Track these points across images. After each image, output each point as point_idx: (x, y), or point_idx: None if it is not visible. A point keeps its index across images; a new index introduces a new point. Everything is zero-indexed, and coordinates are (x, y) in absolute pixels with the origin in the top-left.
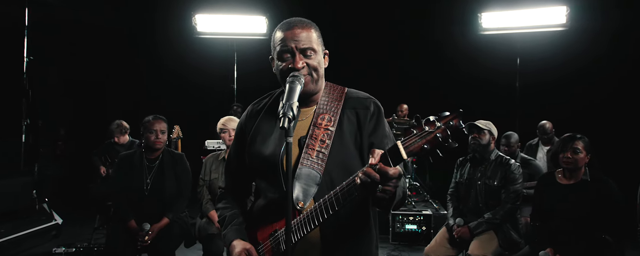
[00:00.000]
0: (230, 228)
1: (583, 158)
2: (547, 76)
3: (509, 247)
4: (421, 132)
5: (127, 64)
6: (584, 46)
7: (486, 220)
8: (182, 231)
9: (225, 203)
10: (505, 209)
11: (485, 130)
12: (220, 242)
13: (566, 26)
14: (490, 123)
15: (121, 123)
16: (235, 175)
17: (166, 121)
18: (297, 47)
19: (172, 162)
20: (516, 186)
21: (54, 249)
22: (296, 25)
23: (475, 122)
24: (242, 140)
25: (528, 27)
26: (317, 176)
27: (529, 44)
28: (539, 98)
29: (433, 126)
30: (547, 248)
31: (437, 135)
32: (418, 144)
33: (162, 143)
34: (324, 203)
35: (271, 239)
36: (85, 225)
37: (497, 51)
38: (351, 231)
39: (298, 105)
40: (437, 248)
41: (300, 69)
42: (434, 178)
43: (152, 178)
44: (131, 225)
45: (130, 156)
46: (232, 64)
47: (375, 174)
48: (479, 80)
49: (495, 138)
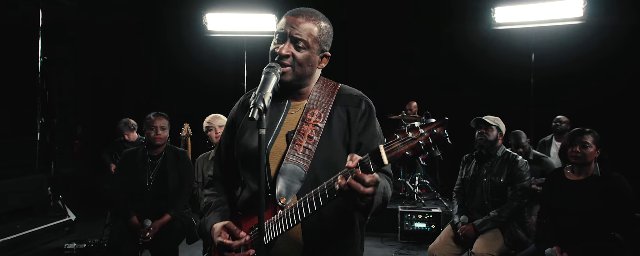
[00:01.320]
0: (214, 213)
1: (592, 152)
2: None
3: (515, 246)
4: (404, 138)
5: (140, 63)
6: (600, 40)
7: (491, 218)
8: (183, 227)
9: (212, 190)
10: (511, 207)
11: (493, 126)
12: None
13: (583, 19)
14: (498, 119)
15: (128, 121)
16: (224, 165)
17: (167, 117)
18: (290, 33)
19: (175, 159)
20: (523, 183)
21: (65, 245)
22: (302, 14)
23: (483, 118)
24: (232, 131)
25: (543, 21)
26: (302, 173)
27: (544, 39)
28: (554, 93)
29: (417, 132)
30: (554, 246)
31: (420, 142)
32: (400, 150)
33: (162, 139)
34: (304, 201)
35: (252, 233)
36: (98, 221)
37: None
38: (334, 232)
39: (271, 96)
40: (442, 247)
41: (283, 55)
42: (444, 176)
43: (155, 174)
44: (133, 221)
45: (133, 153)
46: (243, 62)
47: (355, 183)
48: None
49: (503, 134)
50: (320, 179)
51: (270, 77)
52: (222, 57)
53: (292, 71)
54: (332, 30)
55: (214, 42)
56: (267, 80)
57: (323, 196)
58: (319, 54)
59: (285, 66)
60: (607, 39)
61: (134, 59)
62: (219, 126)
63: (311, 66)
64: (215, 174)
